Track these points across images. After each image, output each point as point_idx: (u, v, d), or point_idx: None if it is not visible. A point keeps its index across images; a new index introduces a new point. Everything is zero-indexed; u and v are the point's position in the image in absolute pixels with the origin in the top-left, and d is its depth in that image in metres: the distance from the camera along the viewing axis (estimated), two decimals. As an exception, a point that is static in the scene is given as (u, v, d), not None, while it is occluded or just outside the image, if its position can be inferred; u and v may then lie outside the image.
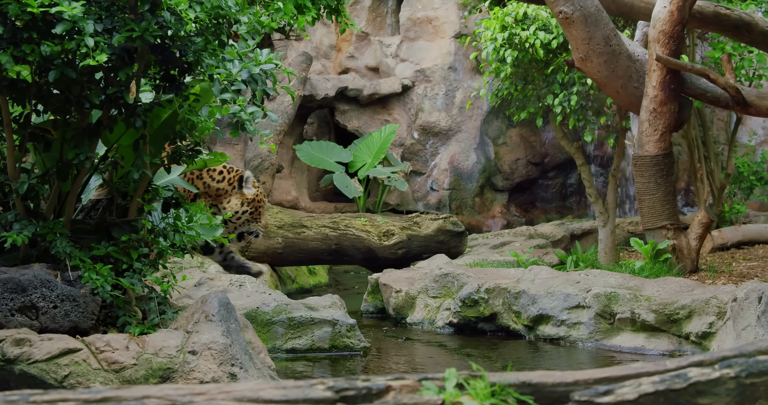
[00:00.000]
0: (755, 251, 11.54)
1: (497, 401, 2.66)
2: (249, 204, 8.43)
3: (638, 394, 2.70)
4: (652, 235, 9.29)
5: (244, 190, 8.40)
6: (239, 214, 8.38)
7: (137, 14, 5.09)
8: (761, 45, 9.31)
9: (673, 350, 7.27)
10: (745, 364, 2.73)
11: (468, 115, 15.26)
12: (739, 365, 2.73)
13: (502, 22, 10.45)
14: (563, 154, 15.26)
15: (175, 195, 5.93)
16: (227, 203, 8.34)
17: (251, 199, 8.44)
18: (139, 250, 5.65)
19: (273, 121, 6.01)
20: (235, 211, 8.36)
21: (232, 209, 8.34)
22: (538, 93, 10.82)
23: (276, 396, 2.51)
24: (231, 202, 8.36)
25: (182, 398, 2.41)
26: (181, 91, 5.50)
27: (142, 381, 4.96)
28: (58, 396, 2.43)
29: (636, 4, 9.52)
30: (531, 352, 7.52)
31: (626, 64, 9.12)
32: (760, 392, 2.72)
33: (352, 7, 16.12)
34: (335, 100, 15.38)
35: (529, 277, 8.29)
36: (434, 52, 15.50)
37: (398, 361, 7.28)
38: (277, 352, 7.04)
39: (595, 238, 11.11)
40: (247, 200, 8.43)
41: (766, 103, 8.92)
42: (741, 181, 13.29)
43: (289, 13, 7.12)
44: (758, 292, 6.65)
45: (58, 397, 2.43)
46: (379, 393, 2.60)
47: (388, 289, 8.96)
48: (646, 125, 9.11)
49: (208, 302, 5.33)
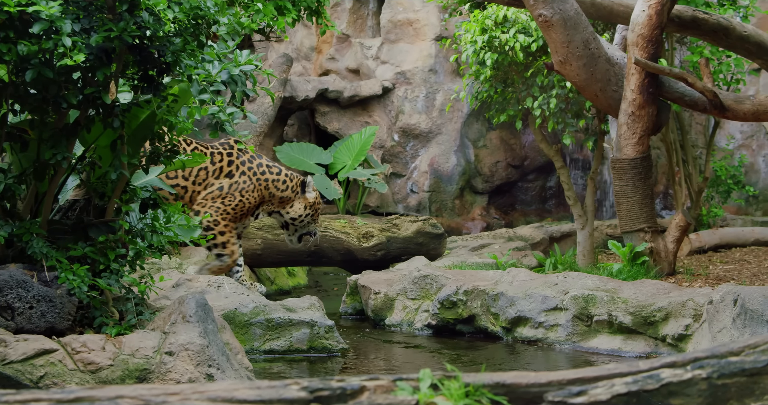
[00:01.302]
0: (732, 254, 11.61)
1: (471, 401, 2.67)
2: (311, 207, 9.06)
3: (611, 394, 2.72)
4: (630, 237, 9.33)
5: (306, 194, 8.98)
6: (302, 217, 9.01)
7: (115, 14, 5.08)
8: (739, 49, 9.36)
9: (649, 352, 7.31)
10: (717, 365, 2.76)
11: (448, 117, 15.29)
12: (711, 366, 2.76)
13: (482, 25, 10.48)
14: (543, 157, 15.31)
15: (152, 196, 5.92)
16: (290, 208, 8.94)
17: (312, 202, 9.07)
18: (116, 250, 5.63)
19: (253, 122, 6.01)
20: (299, 214, 8.97)
21: (297, 213, 8.96)
22: (517, 96, 10.85)
23: (250, 396, 2.51)
24: (295, 207, 8.97)
25: (156, 398, 2.41)
26: (159, 92, 5.48)
27: (119, 382, 4.94)
28: (30, 396, 2.43)
29: (615, 8, 9.56)
30: (508, 354, 7.54)
31: (605, 67, 9.16)
32: (732, 393, 2.74)
33: (332, 8, 16.12)
34: (315, 102, 15.37)
35: (508, 279, 8.32)
36: (415, 55, 15.52)
37: (376, 363, 7.29)
38: (255, 353, 7.03)
39: (574, 241, 11.15)
40: (309, 203, 9.05)
41: (743, 107, 8.98)
42: (718, 184, 13.38)
43: (269, 15, 7.11)
44: (733, 294, 6.70)
45: (30, 397, 2.42)
46: (354, 393, 2.61)
47: (366, 290, 8.97)
48: (625, 128, 9.16)
49: (185, 303, 5.32)
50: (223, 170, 8.63)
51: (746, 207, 14.63)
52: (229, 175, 8.63)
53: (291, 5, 7.73)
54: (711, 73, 9.29)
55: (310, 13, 8.12)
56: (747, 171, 14.53)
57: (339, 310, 9.33)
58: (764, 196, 14.64)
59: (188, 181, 8.50)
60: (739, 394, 2.75)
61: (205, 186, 8.53)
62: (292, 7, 7.74)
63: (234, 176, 8.61)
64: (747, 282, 8.96)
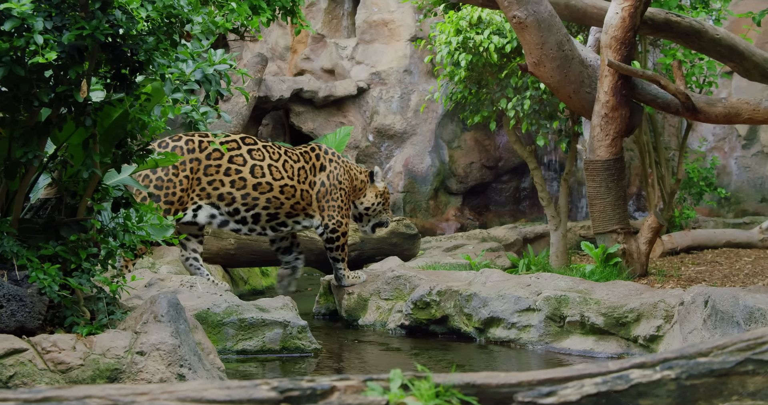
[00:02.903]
0: (704, 256, 11.70)
1: (441, 402, 2.68)
2: (381, 196, 9.29)
3: (580, 395, 2.73)
4: (602, 239, 9.38)
5: (375, 183, 9.28)
6: (375, 206, 9.27)
7: (88, 12, 5.05)
8: (711, 52, 9.43)
9: (621, 353, 7.35)
10: (686, 365, 2.78)
11: (423, 118, 15.30)
12: (680, 367, 2.77)
13: (456, 26, 10.50)
14: (517, 158, 15.35)
15: (125, 195, 5.89)
16: (363, 198, 9.24)
17: (382, 191, 9.31)
18: (87, 249, 5.59)
19: (227, 121, 5.99)
20: (372, 203, 9.24)
21: (369, 202, 9.25)
22: (491, 97, 10.88)
23: (220, 396, 2.51)
24: (367, 196, 9.24)
25: (124, 398, 2.39)
26: (132, 91, 5.46)
27: (89, 382, 4.91)
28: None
29: (589, 10, 9.61)
30: (481, 355, 7.56)
31: (579, 69, 9.20)
32: (700, 394, 2.76)
33: (308, 8, 16.11)
34: (290, 102, 15.35)
35: (481, 280, 8.33)
36: (390, 55, 15.53)
37: (349, 363, 7.29)
38: (227, 353, 7.01)
39: (548, 242, 11.19)
40: (379, 192, 9.29)
41: (715, 109, 9.04)
42: (691, 186, 13.47)
43: (243, 14, 7.09)
44: (704, 296, 6.75)
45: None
46: (324, 393, 2.61)
47: (340, 291, 8.97)
48: (598, 130, 9.20)
49: (157, 303, 5.30)
50: (316, 166, 8.86)
51: (718, 209, 14.73)
52: (322, 168, 8.87)
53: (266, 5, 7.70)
54: (683, 76, 9.35)
55: (285, 12, 8.10)
56: (719, 173, 14.64)
57: (312, 310, 9.32)
58: (736, 198, 14.75)
59: (293, 180, 8.68)
60: (708, 394, 2.77)
61: (309, 184, 8.75)
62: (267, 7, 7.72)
63: (326, 168, 8.88)
64: (718, 283, 9.03)
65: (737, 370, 2.76)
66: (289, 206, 8.63)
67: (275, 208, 8.57)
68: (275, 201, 8.54)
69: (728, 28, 12.13)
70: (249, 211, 8.51)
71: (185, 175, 8.23)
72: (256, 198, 8.47)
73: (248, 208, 8.49)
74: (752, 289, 6.93)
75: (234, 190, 8.41)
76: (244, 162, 8.45)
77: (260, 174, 8.47)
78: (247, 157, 8.47)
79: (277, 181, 8.53)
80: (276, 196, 8.53)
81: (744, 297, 6.36)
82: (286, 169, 8.60)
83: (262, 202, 8.49)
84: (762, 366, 2.76)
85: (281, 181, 8.57)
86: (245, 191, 8.43)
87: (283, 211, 8.63)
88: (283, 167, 8.59)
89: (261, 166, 8.48)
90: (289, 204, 8.62)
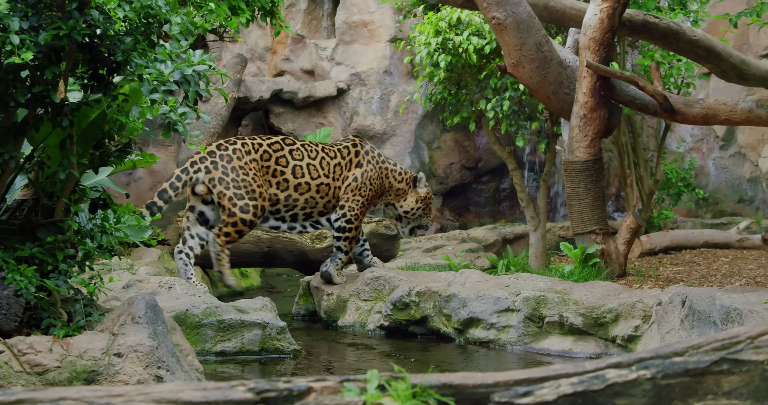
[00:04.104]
0: (682, 256, 11.76)
1: (418, 402, 2.68)
2: (422, 201, 9.49)
3: (557, 395, 2.74)
4: (581, 239, 9.41)
5: (418, 188, 9.47)
6: (414, 211, 9.48)
7: (65, 12, 5.02)
8: (689, 53, 9.47)
9: (600, 353, 7.38)
10: (661, 365, 2.79)
11: (403, 119, 15.31)
12: (656, 367, 2.79)
13: (435, 27, 10.51)
14: (497, 159, 15.38)
15: (102, 196, 5.86)
16: (404, 201, 9.46)
17: (424, 196, 9.50)
18: (65, 251, 5.56)
19: (206, 122, 5.97)
20: (411, 207, 9.44)
21: (409, 206, 9.46)
22: (471, 98, 10.89)
23: (196, 398, 2.50)
24: (408, 200, 9.45)
25: (99, 400, 2.38)
26: (109, 91, 5.43)
27: (66, 384, 4.89)
28: (-29, 398, 2.39)
29: (568, 12, 9.64)
30: (460, 355, 7.57)
31: (557, 70, 9.23)
32: (676, 393, 2.78)
33: (287, 9, 16.08)
34: (270, 103, 15.32)
35: (460, 280, 8.34)
36: (370, 56, 15.53)
37: (328, 364, 7.28)
38: (206, 354, 6.99)
39: (527, 243, 11.22)
40: (421, 198, 9.48)
41: (692, 110, 9.09)
42: (669, 187, 13.53)
43: (222, 15, 7.07)
44: (682, 296, 6.79)
45: (-29, 399, 2.39)
46: (300, 394, 2.60)
47: (319, 292, 8.96)
48: (577, 131, 9.23)
49: (134, 304, 5.28)
50: (353, 162, 9.08)
51: (696, 209, 14.81)
52: (359, 165, 9.09)
53: (245, 5, 7.68)
54: (662, 77, 9.39)
55: (265, 13, 8.08)
56: (697, 174, 14.71)
57: (292, 311, 9.31)
58: (714, 199, 14.83)
59: (329, 178, 8.91)
60: (683, 394, 2.78)
61: (342, 180, 8.98)
62: (246, 8, 7.70)
63: (363, 166, 9.10)
64: (696, 283, 9.07)
65: (712, 369, 2.78)
66: (322, 205, 8.92)
67: (311, 208, 8.86)
68: (311, 201, 8.84)
69: (706, 29, 12.20)
70: (288, 212, 8.80)
71: (253, 174, 8.51)
72: (296, 199, 8.76)
73: (288, 208, 8.78)
74: (729, 289, 6.97)
75: (279, 192, 8.70)
76: (286, 163, 8.72)
77: (300, 174, 8.74)
78: (289, 158, 8.74)
79: (314, 180, 8.82)
80: (312, 196, 8.83)
81: (721, 297, 6.40)
82: (322, 167, 8.86)
83: (300, 202, 8.80)
84: (737, 365, 2.77)
85: (318, 180, 8.84)
86: (288, 193, 8.73)
87: (317, 210, 8.91)
88: (320, 165, 8.86)
89: (301, 166, 8.76)
90: (323, 202, 8.91)
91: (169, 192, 8.34)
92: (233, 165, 8.41)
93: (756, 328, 2.84)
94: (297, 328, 8.65)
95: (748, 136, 14.38)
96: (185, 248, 8.55)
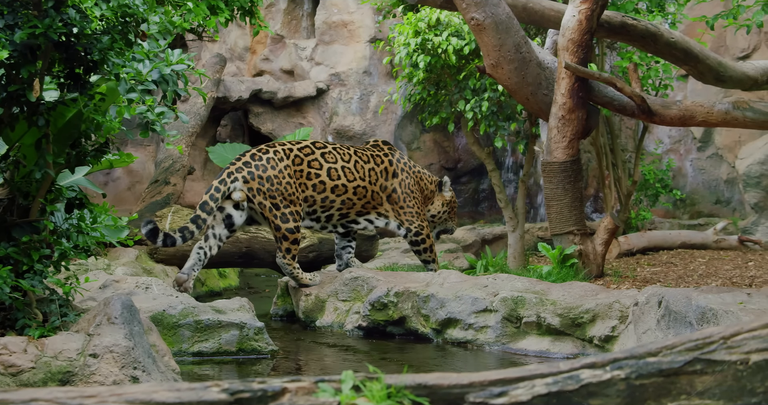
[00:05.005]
0: (659, 257, 11.81)
1: (393, 403, 2.68)
2: (447, 204, 9.70)
3: (531, 395, 2.74)
4: (559, 240, 9.43)
5: (443, 192, 9.69)
6: (440, 214, 9.70)
7: (41, 11, 5.00)
8: (666, 55, 9.52)
9: (577, 353, 7.39)
10: (635, 365, 2.80)
11: (382, 119, 15.31)
12: (630, 367, 2.80)
13: (415, 28, 10.51)
14: (476, 160, 15.40)
15: (78, 195, 5.83)
16: (431, 205, 9.65)
17: (449, 200, 9.72)
18: (40, 251, 5.53)
19: (184, 122, 5.95)
20: (438, 211, 9.66)
21: (436, 210, 9.66)
22: (450, 98, 10.90)
23: (169, 398, 2.49)
24: (435, 204, 9.66)
25: (72, 401, 2.37)
26: (86, 90, 5.41)
27: (41, 384, 4.86)
28: (-58, 399, 2.37)
29: (546, 13, 9.66)
30: (438, 356, 7.57)
31: (536, 71, 9.25)
32: (649, 393, 2.79)
33: (267, 9, 16.05)
34: (249, 103, 15.29)
35: (438, 281, 8.35)
36: (349, 56, 15.52)
37: (306, 364, 7.27)
38: (183, 355, 6.96)
39: (506, 243, 11.24)
40: (446, 201, 9.70)
41: (670, 112, 9.13)
42: (647, 188, 13.59)
43: (200, 14, 7.05)
44: (658, 296, 6.82)
45: (-58, 400, 2.37)
46: (275, 395, 2.60)
47: (297, 292, 8.94)
48: (555, 132, 9.26)
49: (110, 304, 5.25)
50: (388, 171, 9.27)
51: (674, 210, 14.88)
52: (394, 174, 9.28)
53: (224, 5, 7.66)
54: (639, 79, 9.44)
55: (244, 13, 8.07)
56: (675, 175, 14.78)
57: (270, 311, 9.29)
58: (691, 200, 14.91)
59: (365, 181, 9.08)
60: (657, 394, 2.79)
61: (379, 186, 9.16)
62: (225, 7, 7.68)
63: (398, 175, 9.29)
64: (673, 284, 9.11)
65: (685, 369, 2.79)
66: (360, 206, 9.07)
67: (347, 209, 9.01)
68: (348, 202, 8.99)
69: (683, 31, 12.27)
70: (325, 212, 8.94)
71: (287, 181, 8.62)
72: (333, 200, 8.91)
73: (325, 209, 8.92)
74: (705, 289, 7.01)
75: (315, 194, 8.82)
76: (320, 166, 8.84)
77: (336, 176, 8.88)
78: (321, 161, 8.86)
79: (351, 182, 8.97)
80: (350, 197, 8.98)
81: (696, 297, 6.43)
82: (357, 170, 9.01)
83: (337, 203, 8.94)
84: (710, 365, 2.79)
85: (354, 182, 9.00)
86: (324, 194, 8.86)
87: (354, 210, 9.06)
88: (354, 168, 9.00)
89: (336, 169, 8.90)
90: (360, 204, 9.06)
91: (210, 204, 8.41)
92: (268, 174, 8.53)
93: (729, 328, 2.85)
94: (275, 328, 8.63)
95: (725, 137, 14.46)
96: (205, 246, 8.62)
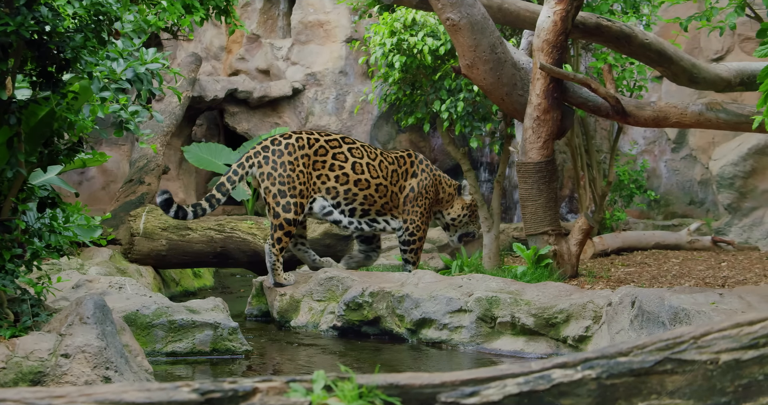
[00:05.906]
0: (633, 257, 11.86)
1: (364, 403, 2.67)
2: (468, 208, 9.86)
3: (503, 395, 2.74)
4: (534, 240, 9.46)
5: (463, 196, 9.84)
6: (461, 218, 9.84)
7: (12, 8, 4.96)
8: (641, 57, 9.56)
9: (551, 353, 7.42)
10: (606, 365, 2.81)
11: (358, 119, 15.31)
12: (601, 367, 2.80)
13: (390, 28, 10.51)
14: (452, 160, 15.41)
15: (51, 194, 5.80)
16: (451, 209, 9.80)
17: (469, 204, 9.88)
18: (12, 250, 5.49)
19: (159, 121, 5.93)
20: (458, 214, 9.81)
21: (456, 213, 9.82)
22: (425, 99, 10.91)
23: (139, 398, 2.47)
24: (454, 208, 9.81)
25: (40, 401, 2.35)
26: (59, 89, 5.38)
27: (12, 385, 4.82)
28: None
29: (521, 14, 9.68)
30: (412, 356, 7.58)
31: (511, 72, 9.27)
32: (620, 393, 2.80)
33: (243, 8, 16.01)
34: (225, 102, 15.24)
35: (413, 281, 8.35)
36: (325, 56, 15.50)
37: (280, 365, 7.26)
38: (156, 355, 6.94)
39: (481, 243, 11.26)
40: (466, 205, 9.85)
41: (644, 113, 9.18)
42: (622, 189, 13.65)
43: (175, 13, 7.02)
44: (632, 296, 6.85)
45: None
46: (246, 395, 2.59)
47: (272, 292, 8.92)
48: (530, 132, 9.28)
49: (83, 304, 5.22)
50: (408, 171, 9.42)
51: (648, 211, 14.95)
52: (414, 175, 9.44)
53: (199, 4, 7.64)
54: (614, 80, 9.48)
55: (219, 12, 8.04)
56: (649, 176, 14.85)
57: (245, 311, 9.27)
58: (665, 201, 14.98)
59: (387, 180, 9.24)
60: (627, 393, 2.80)
61: (398, 187, 9.32)
62: (200, 6, 7.66)
63: (418, 175, 9.44)
64: (646, 284, 9.16)
65: (656, 369, 2.80)
66: (380, 205, 9.21)
67: (369, 205, 9.15)
68: (370, 198, 9.14)
69: (658, 33, 12.33)
70: (348, 205, 9.06)
71: (300, 170, 8.72)
72: (356, 194, 9.05)
73: (348, 202, 9.04)
74: (677, 289, 7.05)
75: (338, 185, 8.97)
76: (345, 159, 9.01)
77: (360, 171, 9.04)
78: (348, 155, 9.02)
79: (374, 179, 9.14)
80: (371, 193, 9.13)
81: (669, 298, 6.46)
82: (381, 169, 9.21)
83: (360, 198, 9.08)
84: (680, 365, 2.80)
85: (377, 179, 9.17)
86: (347, 186, 9.01)
87: (375, 208, 9.20)
88: (379, 167, 9.18)
89: (361, 164, 9.06)
90: (381, 203, 9.21)
91: (226, 185, 8.62)
92: (282, 160, 8.67)
93: (700, 328, 2.87)
94: (250, 328, 8.61)
95: (699, 138, 14.55)
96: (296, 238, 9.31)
